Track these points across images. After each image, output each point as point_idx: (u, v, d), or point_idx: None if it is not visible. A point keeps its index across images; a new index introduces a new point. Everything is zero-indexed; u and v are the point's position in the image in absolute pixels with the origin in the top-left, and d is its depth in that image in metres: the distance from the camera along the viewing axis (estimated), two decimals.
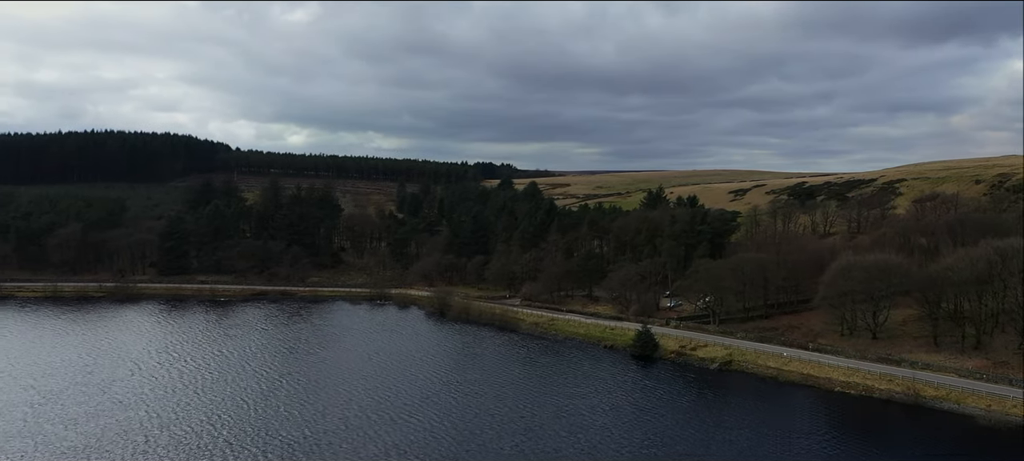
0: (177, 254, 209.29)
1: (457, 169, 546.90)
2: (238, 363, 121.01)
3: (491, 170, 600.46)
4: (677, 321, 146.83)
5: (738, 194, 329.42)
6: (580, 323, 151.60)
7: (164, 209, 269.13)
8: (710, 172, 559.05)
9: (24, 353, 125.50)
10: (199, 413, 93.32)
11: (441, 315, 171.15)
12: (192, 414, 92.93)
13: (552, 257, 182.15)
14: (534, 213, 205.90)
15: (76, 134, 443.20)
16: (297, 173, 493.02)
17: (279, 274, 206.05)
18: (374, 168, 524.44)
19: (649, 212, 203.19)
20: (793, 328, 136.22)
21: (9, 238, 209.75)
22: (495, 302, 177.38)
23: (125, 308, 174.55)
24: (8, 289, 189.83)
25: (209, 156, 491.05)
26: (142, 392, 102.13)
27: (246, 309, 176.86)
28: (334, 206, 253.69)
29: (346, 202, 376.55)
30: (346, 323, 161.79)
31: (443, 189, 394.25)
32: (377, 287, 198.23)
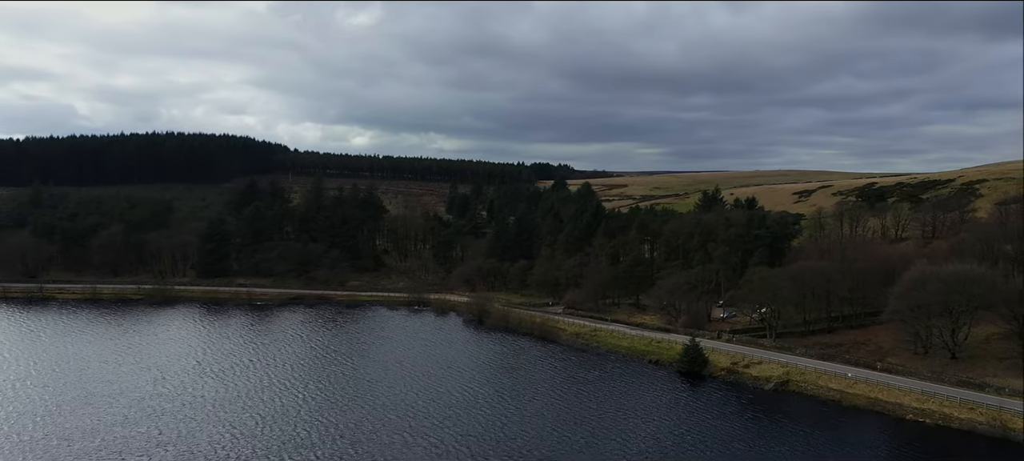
0: (217, 256, 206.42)
1: (512, 170, 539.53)
2: (263, 374, 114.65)
3: (547, 171, 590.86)
4: (729, 334, 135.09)
5: (803, 195, 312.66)
6: (624, 335, 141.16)
7: (213, 211, 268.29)
8: (774, 172, 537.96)
9: (46, 357, 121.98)
10: (217, 428, 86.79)
11: (479, 323, 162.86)
12: (209, 428, 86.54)
13: (597, 263, 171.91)
14: (580, 215, 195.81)
15: (137, 136, 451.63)
16: (352, 174, 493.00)
17: (318, 277, 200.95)
18: (427, 169, 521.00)
19: (703, 214, 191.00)
20: (859, 345, 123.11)
21: (55, 239, 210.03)
22: (537, 310, 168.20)
23: (160, 312, 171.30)
24: (50, 291, 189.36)
25: (266, 157, 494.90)
26: (160, 406, 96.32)
27: (281, 314, 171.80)
28: (377, 207, 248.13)
29: (396, 203, 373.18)
30: (380, 330, 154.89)
31: (495, 190, 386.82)
32: (417, 292, 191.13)
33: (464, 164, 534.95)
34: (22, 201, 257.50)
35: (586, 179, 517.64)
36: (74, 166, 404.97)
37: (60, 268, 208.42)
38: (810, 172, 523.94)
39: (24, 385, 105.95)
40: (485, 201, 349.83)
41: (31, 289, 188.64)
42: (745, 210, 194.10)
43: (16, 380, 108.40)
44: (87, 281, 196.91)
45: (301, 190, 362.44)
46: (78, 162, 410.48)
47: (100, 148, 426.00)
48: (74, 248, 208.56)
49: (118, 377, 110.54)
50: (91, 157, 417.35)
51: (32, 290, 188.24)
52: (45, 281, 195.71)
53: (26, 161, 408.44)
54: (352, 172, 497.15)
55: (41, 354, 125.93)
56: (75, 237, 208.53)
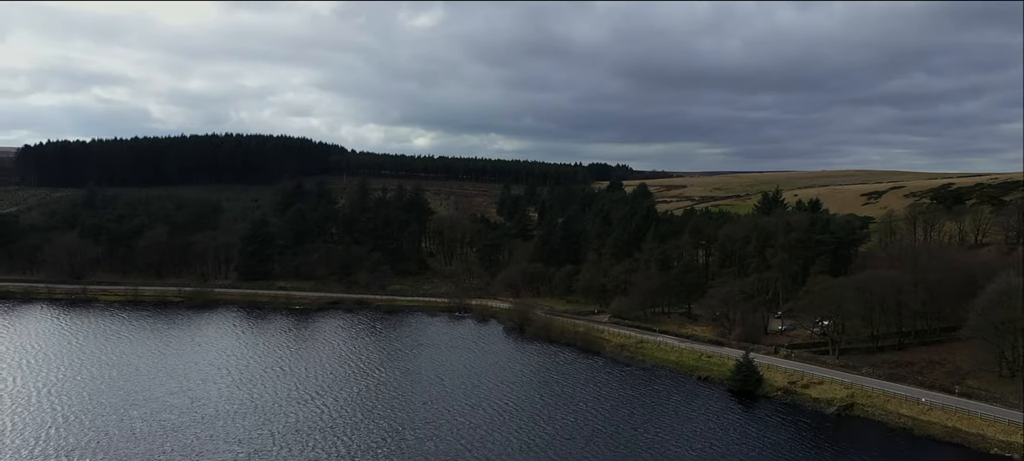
0: (260, 258, 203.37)
1: (567, 171, 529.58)
2: (287, 384, 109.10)
3: (604, 171, 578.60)
4: (787, 349, 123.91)
5: (872, 197, 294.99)
6: (672, 347, 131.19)
7: (262, 212, 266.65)
8: (842, 172, 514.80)
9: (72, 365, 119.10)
10: (229, 444, 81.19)
11: (520, 331, 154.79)
12: (222, 444, 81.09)
13: (646, 269, 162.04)
14: (629, 218, 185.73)
15: (196, 138, 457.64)
16: (407, 174, 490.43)
17: (359, 280, 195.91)
18: (481, 169, 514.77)
19: (761, 218, 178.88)
20: (934, 365, 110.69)
21: (102, 240, 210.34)
22: (581, 318, 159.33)
23: (196, 316, 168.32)
24: (94, 292, 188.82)
25: (322, 158, 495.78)
26: (168, 418, 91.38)
27: (318, 320, 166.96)
28: (423, 208, 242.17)
29: (447, 204, 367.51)
30: (416, 338, 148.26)
31: (548, 191, 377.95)
32: (459, 297, 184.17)
33: (519, 164, 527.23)
34: (76, 202, 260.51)
35: (644, 180, 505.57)
36: (135, 168, 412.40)
37: (106, 269, 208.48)
38: (880, 172, 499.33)
39: (45, 394, 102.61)
40: (538, 202, 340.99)
41: (75, 291, 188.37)
42: (808, 213, 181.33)
43: (38, 387, 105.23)
44: (131, 283, 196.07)
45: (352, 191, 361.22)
46: (139, 164, 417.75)
47: (160, 150, 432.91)
48: (120, 249, 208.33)
49: (138, 384, 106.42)
50: (151, 159, 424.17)
51: (76, 291, 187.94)
52: (90, 282, 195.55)
53: (91, 162, 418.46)
54: (407, 173, 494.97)
55: (66, 360, 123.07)
56: (121, 238, 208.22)
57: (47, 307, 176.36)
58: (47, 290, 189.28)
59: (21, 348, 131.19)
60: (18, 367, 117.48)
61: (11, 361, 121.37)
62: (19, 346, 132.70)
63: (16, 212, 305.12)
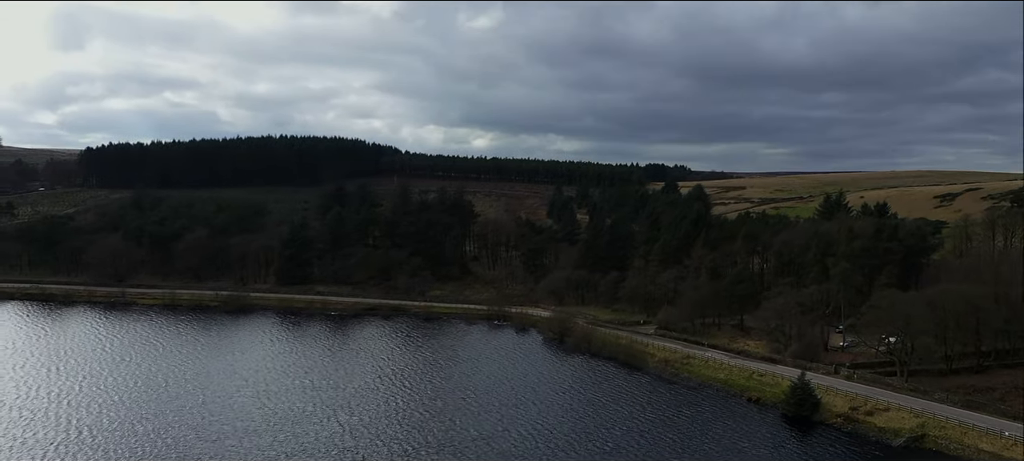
0: (298, 262, 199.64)
1: (622, 171, 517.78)
2: (306, 398, 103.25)
3: (661, 172, 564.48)
4: (849, 369, 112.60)
5: (945, 199, 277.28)
6: (720, 364, 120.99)
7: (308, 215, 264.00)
8: (912, 173, 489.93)
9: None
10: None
11: (561, 342, 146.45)
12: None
13: (695, 277, 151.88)
14: (678, 222, 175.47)
15: (251, 139, 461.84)
16: (460, 176, 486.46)
17: (398, 286, 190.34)
18: (534, 171, 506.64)
19: (822, 223, 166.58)
20: (1018, 391, 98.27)
21: (144, 243, 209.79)
22: (625, 329, 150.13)
23: (230, 322, 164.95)
24: (132, 296, 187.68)
25: (374, 160, 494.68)
26: (182, 437, 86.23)
27: (353, 327, 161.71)
28: (467, 211, 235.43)
29: (497, 207, 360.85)
30: (451, 349, 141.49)
31: (600, 193, 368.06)
32: (499, 304, 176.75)
33: (572, 166, 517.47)
34: (125, 204, 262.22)
35: (702, 181, 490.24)
36: (191, 170, 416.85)
37: (149, 272, 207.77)
38: (954, 173, 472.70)
39: (50, 405, 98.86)
40: (589, 205, 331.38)
41: (113, 294, 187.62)
42: (874, 218, 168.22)
43: (46, 398, 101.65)
44: (171, 286, 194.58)
45: (418, 192, 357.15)
46: (195, 166, 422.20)
47: (215, 152, 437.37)
48: (161, 252, 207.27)
49: (150, 398, 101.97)
50: (207, 160, 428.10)
51: (114, 295, 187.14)
52: (132, 285, 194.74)
53: (149, 164, 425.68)
54: (460, 174, 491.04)
55: (83, 370, 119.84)
56: (162, 241, 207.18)
57: (85, 311, 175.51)
58: (87, 293, 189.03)
59: (38, 357, 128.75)
60: (23, 379, 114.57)
61: (25, 372, 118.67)
62: (37, 355, 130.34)
63: (73, 213, 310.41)
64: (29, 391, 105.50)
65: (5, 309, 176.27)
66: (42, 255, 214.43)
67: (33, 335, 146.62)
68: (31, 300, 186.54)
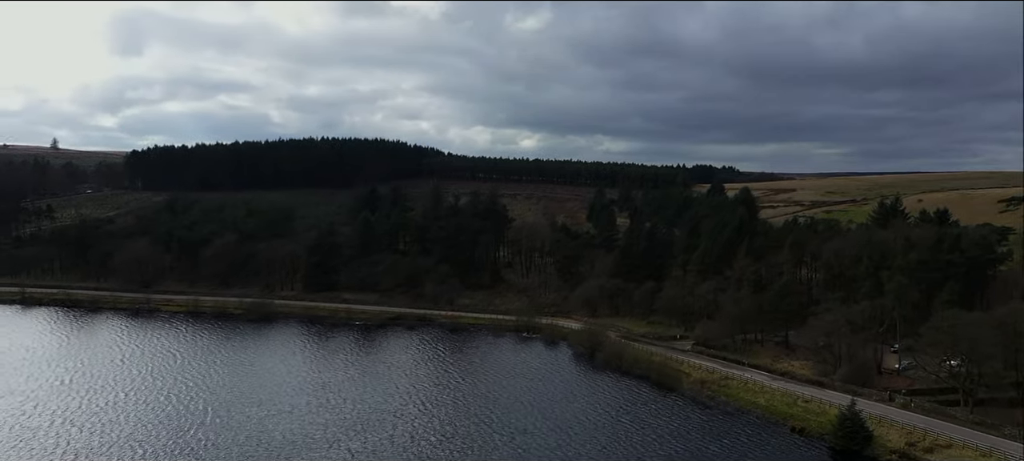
0: (325, 269, 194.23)
1: (667, 173, 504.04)
2: (315, 420, 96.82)
3: (708, 173, 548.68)
4: (905, 396, 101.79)
5: (1011, 203, 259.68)
6: (761, 387, 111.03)
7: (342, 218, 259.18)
8: (974, 174, 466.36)
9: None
10: None
11: (591, 357, 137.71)
12: None
13: (736, 289, 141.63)
14: (719, 229, 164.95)
15: (292, 141, 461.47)
16: (501, 178, 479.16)
17: (426, 294, 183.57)
18: (577, 172, 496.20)
19: (876, 231, 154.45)
20: None
21: (172, 247, 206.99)
22: (660, 344, 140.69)
23: (253, 331, 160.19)
24: (157, 302, 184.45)
25: (416, 162, 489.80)
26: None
27: (376, 338, 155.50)
28: (500, 216, 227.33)
29: (536, 210, 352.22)
30: (476, 363, 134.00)
31: (642, 195, 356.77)
32: (529, 315, 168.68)
33: (615, 167, 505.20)
34: (159, 207, 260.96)
35: (749, 182, 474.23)
36: (233, 172, 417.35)
37: (177, 277, 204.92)
38: (1020, 174, 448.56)
39: (54, 422, 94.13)
40: (631, 208, 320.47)
41: (138, 300, 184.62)
42: (933, 226, 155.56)
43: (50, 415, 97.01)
44: (198, 292, 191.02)
45: (445, 196, 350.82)
46: (237, 168, 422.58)
47: (257, 154, 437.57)
48: (189, 257, 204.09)
49: (142, 413, 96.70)
50: (249, 162, 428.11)
51: (139, 301, 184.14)
52: (157, 291, 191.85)
53: (193, 167, 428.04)
54: (502, 177, 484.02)
55: (89, 386, 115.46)
56: (190, 246, 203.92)
57: (108, 318, 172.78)
58: (112, 299, 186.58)
59: (48, 370, 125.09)
60: (26, 395, 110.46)
61: (30, 386, 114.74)
62: (48, 367, 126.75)
63: (114, 216, 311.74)
64: (26, 408, 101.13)
65: (30, 316, 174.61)
66: (73, 260, 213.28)
67: (50, 344, 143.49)
68: (58, 306, 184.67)
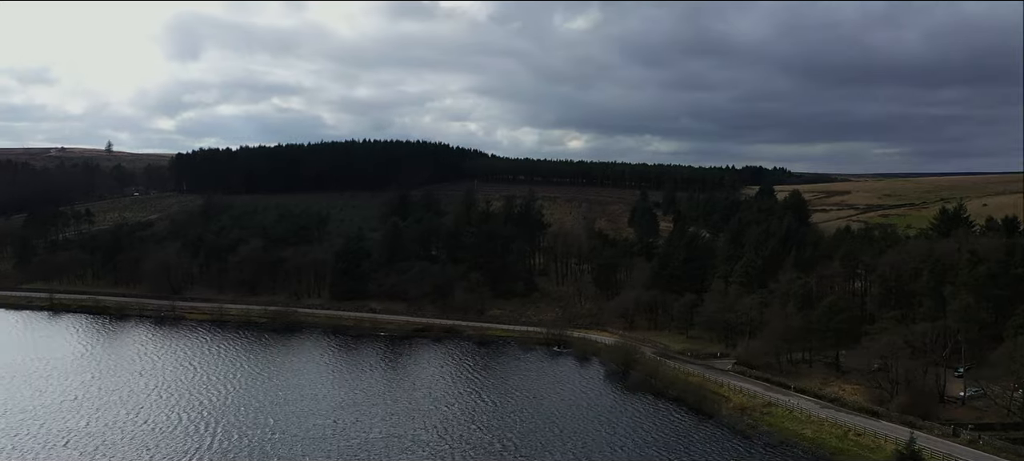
0: (353, 276, 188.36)
1: (714, 175, 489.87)
2: (322, 447, 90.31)
3: (758, 175, 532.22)
4: (972, 430, 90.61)
5: None
6: (808, 417, 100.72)
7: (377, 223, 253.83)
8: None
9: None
10: None
11: (624, 375, 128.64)
12: None
13: (782, 304, 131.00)
14: (764, 239, 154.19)
15: (331, 144, 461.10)
16: (545, 180, 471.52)
17: (455, 304, 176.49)
18: (621, 174, 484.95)
19: (937, 242, 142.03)
20: None
21: (200, 253, 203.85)
22: (699, 362, 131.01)
23: (276, 341, 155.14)
24: (183, 309, 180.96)
25: (456, 164, 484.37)
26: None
27: (399, 351, 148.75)
28: (535, 222, 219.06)
29: (577, 213, 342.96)
30: (498, 382, 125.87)
31: (687, 198, 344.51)
32: (561, 327, 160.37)
33: (661, 169, 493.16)
34: (194, 211, 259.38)
35: (801, 185, 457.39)
36: (274, 175, 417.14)
37: (205, 284, 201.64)
38: None
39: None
40: (675, 212, 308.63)
41: (164, 307, 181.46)
42: (1001, 236, 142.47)
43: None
44: (225, 299, 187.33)
45: (486, 198, 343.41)
46: (279, 170, 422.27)
47: (296, 157, 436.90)
48: (217, 263, 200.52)
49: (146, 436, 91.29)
50: (288, 166, 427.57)
51: (164, 308, 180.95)
52: (183, 298, 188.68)
53: (236, 169, 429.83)
54: (544, 178, 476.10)
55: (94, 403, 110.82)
56: (218, 251, 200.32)
57: (133, 326, 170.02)
58: (138, 306, 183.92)
59: (59, 383, 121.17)
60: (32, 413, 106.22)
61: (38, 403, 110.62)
62: (59, 381, 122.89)
63: (155, 219, 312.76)
64: (29, 429, 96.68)
65: (56, 323, 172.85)
66: (105, 265, 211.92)
67: (67, 355, 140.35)
68: (86, 312, 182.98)
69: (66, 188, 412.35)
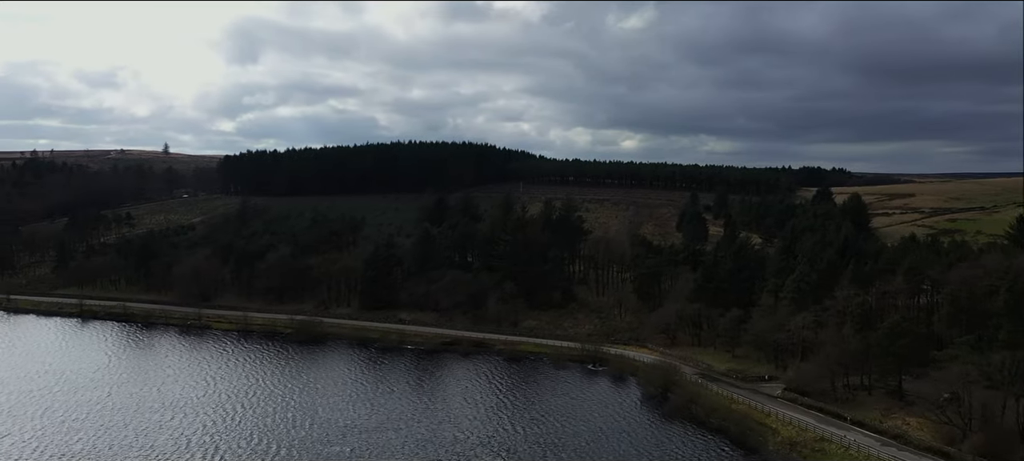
0: (384, 285, 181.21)
1: (771, 176, 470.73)
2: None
3: (816, 176, 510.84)
4: None
5: None
6: (867, 456, 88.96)
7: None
8: None
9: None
10: None
11: (662, 400, 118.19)
12: None
13: (838, 324, 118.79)
14: (819, 250, 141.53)
15: (373, 146, 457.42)
16: (593, 181, 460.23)
17: (487, 316, 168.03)
18: (671, 175, 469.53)
19: (1016, 255, 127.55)
20: None
21: (230, 260, 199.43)
22: (745, 387, 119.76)
23: (297, 353, 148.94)
24: (209, 318, 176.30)
25: (502, 166, 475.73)
26: None
27: (425, 366, 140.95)
28: (574, 227, 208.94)
29: (622, 218, 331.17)
30: (524, 406, 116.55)
31: (740, 202, 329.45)
32: (600, 340, 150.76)
33: (713, 170, 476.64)
34: (229, 215, 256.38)
35: (862, 186, 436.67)
36: (319, 177, 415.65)
37: (235, 291, 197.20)
38: None
39: None
40: (726, 216, 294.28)
41: (190, 315, 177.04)
42: None
43: None
44: (253, 307, 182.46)
45: (531, 201, 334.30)
46: (323, 173, 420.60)
47: (341, 159, 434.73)
48: (246, 270, 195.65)
49: None
50: (334, 167, 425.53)
51: (190, 317, 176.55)
52: (211, 306, 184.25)
53: (280, 171, 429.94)
54: (594, 180, 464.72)
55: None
56: (247, 258, 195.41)
57: (158, 335, 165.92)
58: (165, 314, 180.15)
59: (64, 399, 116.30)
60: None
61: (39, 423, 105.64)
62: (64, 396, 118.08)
63: (197, 222, 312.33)
64: (22, 454, 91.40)
65: (82, 331, 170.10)
66: (137, 271, 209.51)
67: (85, 368, 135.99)
68: (114, 319, 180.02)
69: (116, 190, 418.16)
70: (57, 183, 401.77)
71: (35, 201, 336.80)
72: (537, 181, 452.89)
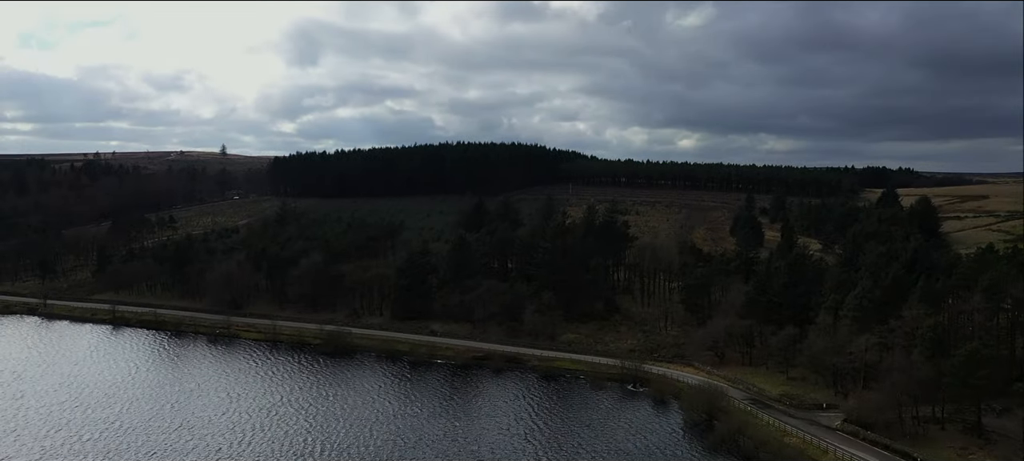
0: (417, 293, 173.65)
1: (833, 176, 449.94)
2: None
3: (881, 177, 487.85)
4: None
5: None
6: None
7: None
8: None
9: None
10: None
11: (707, 428, 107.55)
12: None
13: (907, 347, 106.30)
14: (884, 263, 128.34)
15: (421, 148, 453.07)
16: (647, 183, 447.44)
17: (524, 328, 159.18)
18: (727, 176, 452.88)
19: None
20: None
21: (263, 266, 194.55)
22: (800, 415, 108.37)
23: (322, 367, 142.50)
24: (238, 327, 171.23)
25: (552, 167, 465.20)
26: None
27: (453, 384, 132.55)
28: (618, 234, 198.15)
29: (674, 221, 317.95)
30: (555, 432, 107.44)
31: (797, 205, 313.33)
32: (642, 357, 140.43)
33: (771, 170, 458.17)
34: (268, 218, 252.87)
35: (930, 188, 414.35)
36: (366, 179, 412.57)
37: (267, 299, 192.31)
38: None
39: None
40: (783, 220, 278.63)
41: (219, 324, 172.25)
42: None
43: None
44: (284, 316, 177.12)
45: (578, 204, 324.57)
46: (372, 173, 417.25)
47: (388, 161, 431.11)
48: (279, 277, 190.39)
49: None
50: (382, 169, 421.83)
51: (219, 325, 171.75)
52: (242, 314, 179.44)
53: (328, 172, 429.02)
54: (646, 181, 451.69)
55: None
56: (280, 265, 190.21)
57: (187, 345, 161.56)
58: (194, 322, 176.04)
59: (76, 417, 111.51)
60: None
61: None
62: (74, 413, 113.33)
63: (245, 223, 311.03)
64: None
65: (111, 339, 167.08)
66: (172, 277, 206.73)
67: (105, 383, 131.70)
68: (145, 327, 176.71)
69: (168, 192, 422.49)
70: (110, 186, 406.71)
71: (88, 204, 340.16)
72: (589, 182, 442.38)
